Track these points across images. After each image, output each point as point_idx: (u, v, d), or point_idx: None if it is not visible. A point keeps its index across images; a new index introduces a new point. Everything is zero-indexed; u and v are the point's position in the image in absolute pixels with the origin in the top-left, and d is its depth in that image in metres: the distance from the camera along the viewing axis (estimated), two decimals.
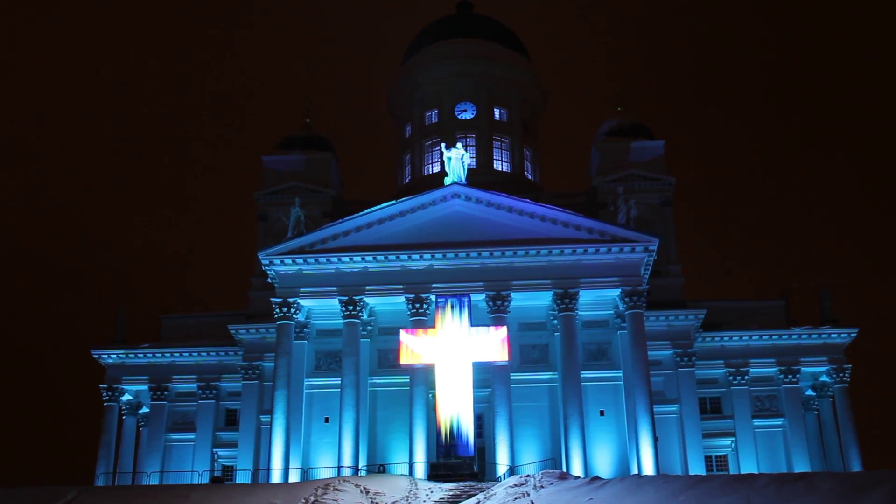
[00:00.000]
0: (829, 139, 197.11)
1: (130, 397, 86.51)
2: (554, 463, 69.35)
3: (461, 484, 57.24)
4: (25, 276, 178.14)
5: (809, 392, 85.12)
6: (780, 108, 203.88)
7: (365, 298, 73.87)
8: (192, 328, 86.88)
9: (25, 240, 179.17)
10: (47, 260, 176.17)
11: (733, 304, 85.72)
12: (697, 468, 74.06)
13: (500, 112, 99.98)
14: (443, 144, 79.83)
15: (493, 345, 67.72)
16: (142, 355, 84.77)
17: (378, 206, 75.91)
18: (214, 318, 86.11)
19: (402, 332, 69.02)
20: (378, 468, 69.43)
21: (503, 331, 68.53)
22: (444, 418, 65.94)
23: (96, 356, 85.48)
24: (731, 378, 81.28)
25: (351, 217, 75.55)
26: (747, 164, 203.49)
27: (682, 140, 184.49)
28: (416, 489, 54.76)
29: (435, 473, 64.10)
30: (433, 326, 69.13)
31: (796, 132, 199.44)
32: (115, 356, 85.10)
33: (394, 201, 76.73)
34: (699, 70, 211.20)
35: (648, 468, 67.82)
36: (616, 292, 73.28)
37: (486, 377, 71.02)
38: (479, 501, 47.47)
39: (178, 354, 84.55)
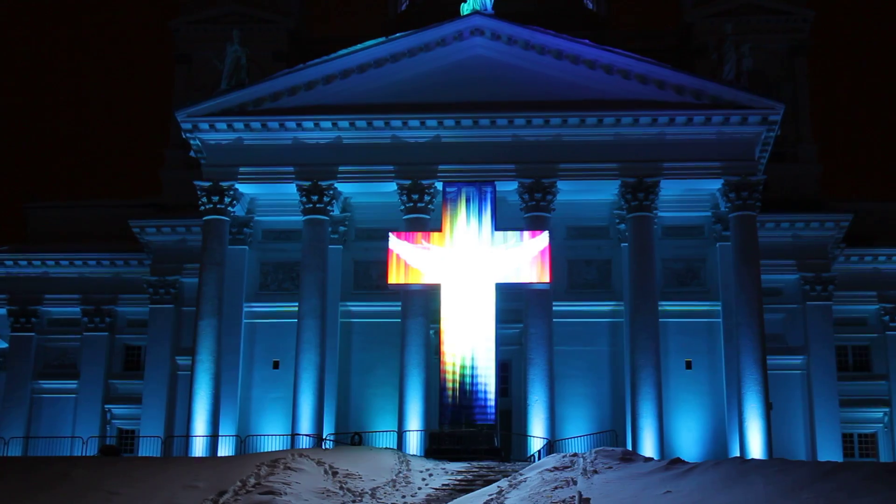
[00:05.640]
0: None
1: None
2: (614, 437, 69.74)
3: (475, 464, 57.47)
4: None
5: None
6: None
7: (336, 184, 73.89)
8: (74, 224, 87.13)
9: None
10: None
11: (894, 206, 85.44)
12: (831, 451, 74.45)
13: None
14: None
15: (528, 259, 67.57)
16: None
17: (359, 46, 75.34)
18: (108, 210, 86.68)
19: (391, 236, 68.78)
20: (352, 438, 70.01)
21: (544, 238, 68.25)
22: (453, 367, 66.15)
23: None
24: (886, 319, 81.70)
25: (318, 61, 75.18)
26: None
27: None
28: (408, 470, 55.05)
29: (436, 447, 64.60)
30: (439, 230, 69.02)
31: None
32: None
33: (383, 38, 76.24)
34: None
35: (756, 449, 68.30)
36: (716, 184, 73.05)
37: (517, 307, 71.51)
38: (501, 491, 47.58)
39: (52, 263, 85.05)
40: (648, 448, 67.83)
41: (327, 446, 67.68)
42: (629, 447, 67.23)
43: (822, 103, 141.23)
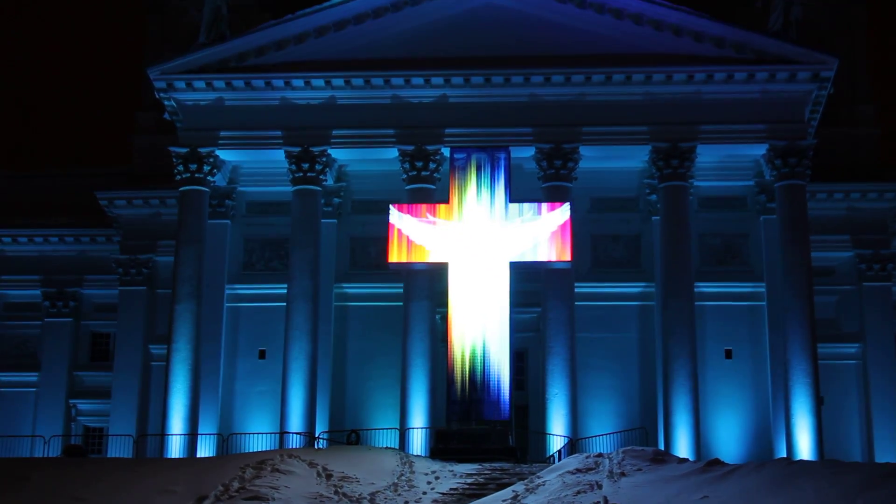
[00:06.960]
0: None
1: None
2: (644, 435, 69.88)
3: (487, 466, 57.52)
4: None
5: None
6: None
7: (330, 150, 74.05)
8: (34, 196, 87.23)
9: None
10: None
11: None
12: (890, 452, 74.33)
13: None
14: None
15: (547, 234, 67.42)
16: None
17: None
18: (72, 181, 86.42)
19: (392, 208, 68.68)
20: (348, 436, 70.16)
21: (564, 211, 68.06)
22: (461, 356, 66.07)
23: None
24: None
25: (309, 11, 75.14)
26: None
27: None
28: (411, 472, 55.04)
29: (443, 447, 64.44)
30: (446, 202, 68.88)
31: None
32: None
33: None
34: None
35: (805, 449, 68.38)
36: (760, 149, 73.05)
37: (534, 289, 71.64)
38: (517, 496, 47.52)
39: (8, 240, 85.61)
40: (683, 448, 67.88)
41: (320, 446, 67.90)
42: (661, 447, 67.47)
43: (883, 58, 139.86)
